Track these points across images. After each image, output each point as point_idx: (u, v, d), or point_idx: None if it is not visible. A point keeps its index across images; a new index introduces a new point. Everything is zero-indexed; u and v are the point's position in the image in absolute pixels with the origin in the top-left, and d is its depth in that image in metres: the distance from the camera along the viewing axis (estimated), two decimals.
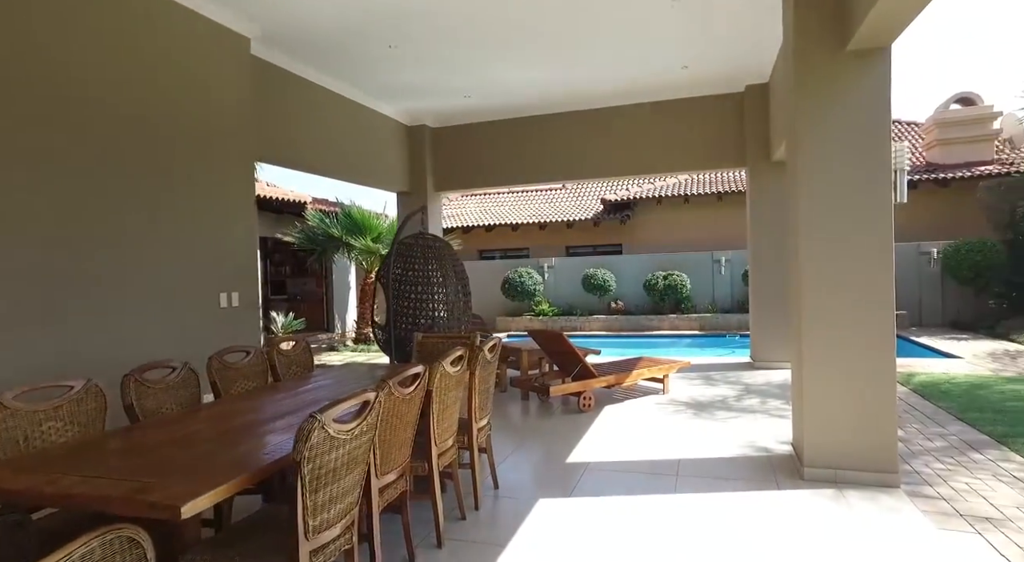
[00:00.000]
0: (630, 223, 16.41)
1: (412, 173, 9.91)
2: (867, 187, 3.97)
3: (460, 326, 6.04)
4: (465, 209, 19.76)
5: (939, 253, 12.60)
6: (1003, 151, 14.67)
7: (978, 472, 4.30)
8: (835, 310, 4.02)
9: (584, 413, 6.12)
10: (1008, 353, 9.21)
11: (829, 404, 4.05)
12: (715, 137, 8.47)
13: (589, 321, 14.14)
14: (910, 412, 5.96)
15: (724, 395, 6.73)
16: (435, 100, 8.84)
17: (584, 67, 7.58)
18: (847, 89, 3.99)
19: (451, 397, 3.41)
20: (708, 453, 4.76)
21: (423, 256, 5.89)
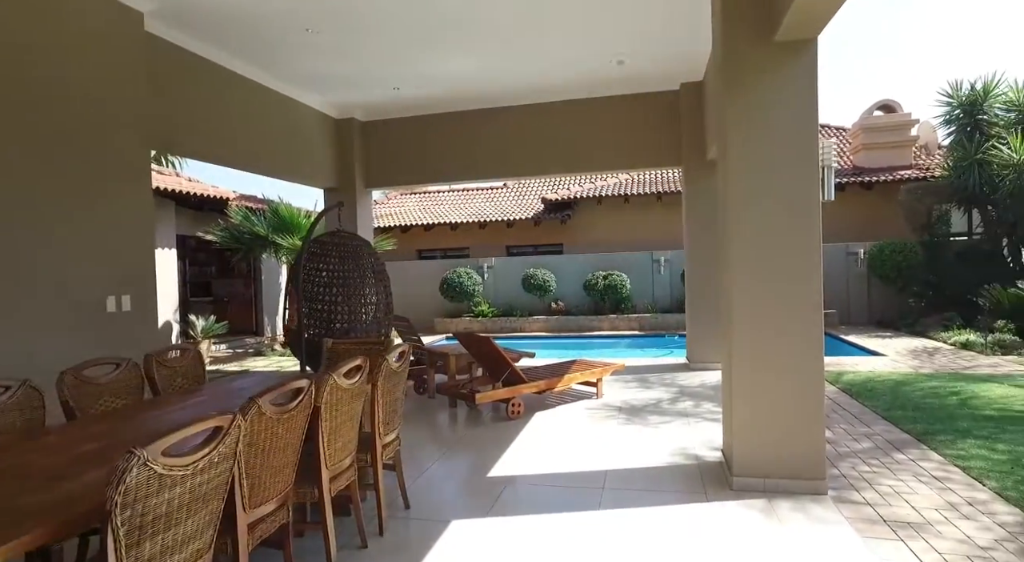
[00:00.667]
0: (571, 223, 16.30)
1: (340, 169, 9.38)
2: (795, 183, 3.82)
3: (381, 330, 5.63)
4: (404, 208, 19.21)
5: (865, 253, 13.02)
6: (920, 157, 15.36)
7: (901, 473, 4.26)
8: (764, 311, 3.86)
9: (513, 421, 5.82)
10: (926, 350, 9.52)
11: (757, 410, 3.88)
12: (651, 136, 8.35)
13: (529, 322, 13.91)
14: (839, 412, 5.95)
15: (658, 398, 6.58)
16: (363, 92, 8.37)
17: (516, 60, 7.30)
18: (775, 81, 3.83)
19: (347, 412, 3.02)
20: (637, 462, 4.54)
21: (339, 256, 5.44)
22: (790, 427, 3.82)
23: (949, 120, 12.40)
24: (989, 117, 11.93)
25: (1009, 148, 10.99)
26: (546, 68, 7.62)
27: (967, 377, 7.35)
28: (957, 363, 8.32)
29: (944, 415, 5.69)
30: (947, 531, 3.36)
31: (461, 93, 8.48)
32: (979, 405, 6.03)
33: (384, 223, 17.58)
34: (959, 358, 8.72)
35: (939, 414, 5.73)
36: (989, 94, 11.89)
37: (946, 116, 12.42)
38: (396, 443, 3.68)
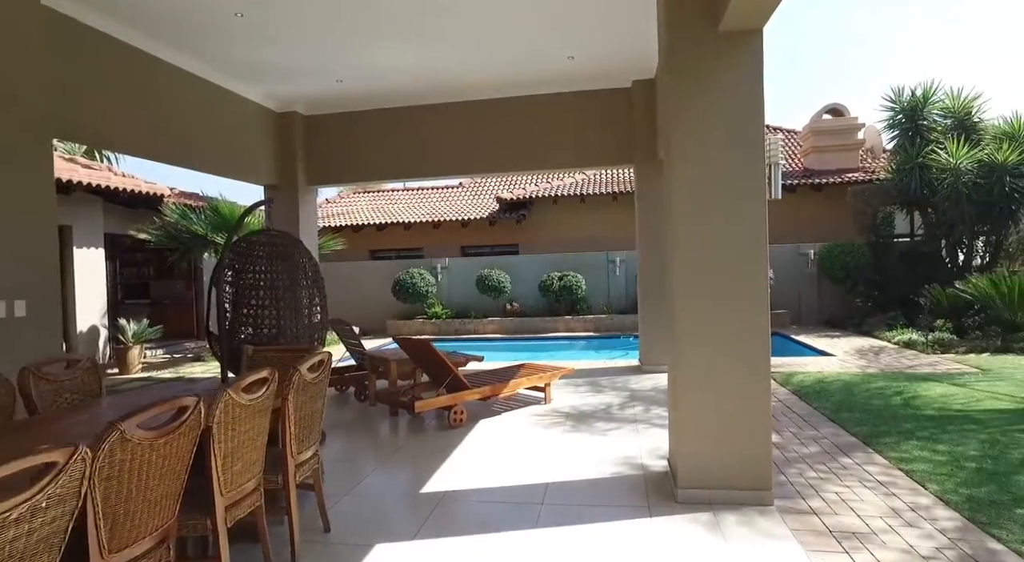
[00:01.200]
0: (526, 223, 16.10)
1: (282, 165, 8.92)
2: (741, 181, 3.66)
3: (315, 335, 5.26)
4: (356, 207, 18.67)
5: (815, 254, 13.23)
6: (867, 160, 15.76)
7: (847, 479, 4.17)
8: (709, 316, 3.69)
9: (456, 429, 5.54)
10: (873, 349, 9.66)
11: (702, 419, 3.71)
12: (604, 134, 8.19)
13: (484, 323, 13.63)
14: (788, 414, 5.89)
15: (608, 403, 6.40)
16: (305, 84, 7.95)
17: (464, 54, 7.03)
18: (720, 73, 3.67)
19: (248, 431, 2.69)
20: (580, 473, 4.32)
21: (267, 256, 5.06)
22: (736, 437, 3.66)
23: (892, 125, 12.69)
24: (928, 123, 12.26)
25: (946, 153, 11.30)
26: (496, 63, 7.37)
27: (910, 376, 7.44)
28: (901, 362, 8.44)
29: (889, 416, 5.69)
30: (891, 541, 3.26)
31: (409, 88, 8.15)
32: (921, 405, 6.06)
33: (335, 222, 17.02)
34: (902, 357, 8.86)
35: (884, 415, 5.72)
36: (928, 101, 12.22)
37: (889, 121, 12.71)
38: (314, 460, 3.36)
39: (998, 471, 4.25)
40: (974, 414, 5.68)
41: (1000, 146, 11.10)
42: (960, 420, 5.51)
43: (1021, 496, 3.78)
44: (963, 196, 11.06)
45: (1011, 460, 4.46)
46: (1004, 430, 5.19)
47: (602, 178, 16.16)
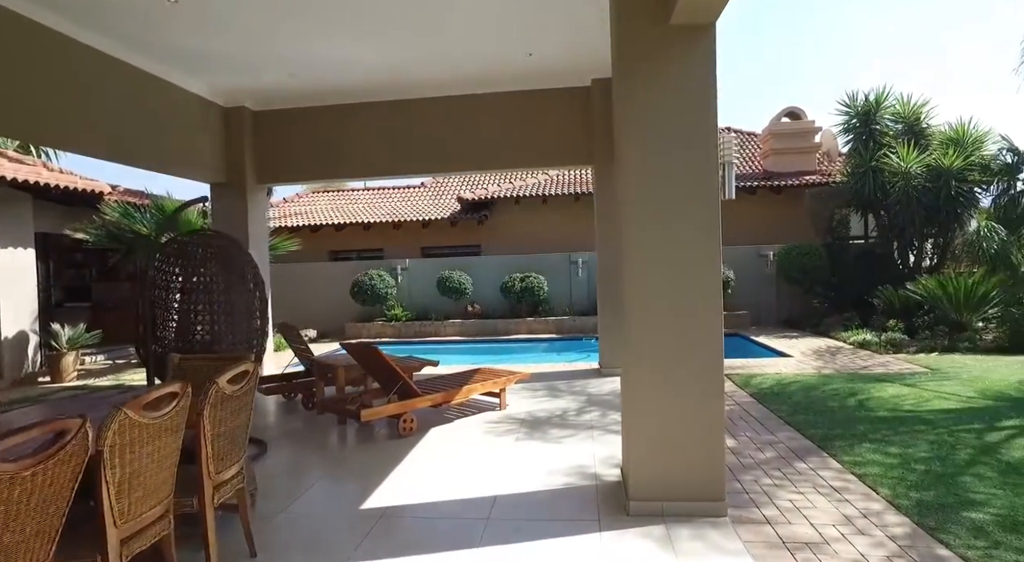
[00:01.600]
0: (488, 223, 15.89)
1: (229, 162, 8.50)
2: (693, 180, 3.54)
3: (253, 341, 4.96)
4: (315, 206, 18.17)
5: (775, 255, 13.38)
6: (823, 163, 16.06)
7: (801, 485, 4.11)
8: (661, 321, 3.55)
9: (405, 438, 5.30)
10: (829, 350, 9.77)
11: (655, 429, 3.57)
12: (563, 133, 8.04)
13: (444, 326, 13.38)
14: (745, 418, 5.84)
15: (564, 409, 6.24)
16: (253, 77, 7.57)
17: (421, 48, 6.78)
18: (671, 68, 3.54)
19: (152, 452, 2.42)
20: (530, 485, 4.14)
21: (202, 258, 4.74)
22: (689, 447, 3.53)
23: (847, 128, 12.94)
24: (881, 127, 12.53)
25: (898, 157, 11.55)
26: (453, 59, 7.15)
27: (864, 377, 7.51)
28: (855, 363, 8.53)
29: (844, 418, 5.68)
30: (843, 550, 3.19)
31: (364, 83, 7.85)
32: (874, 406, 6.09)
33: (293, 222, 16.52)
34: (857, 358, 8.98)
35: (839, 417, 5.72)
36: (880, 106, 12.49)
37: (844, 125, 12.95)
38: (238, 479, 3.09)
39: (946, 472, 4.26)
40: (924, 414, 5.73)
41: (946, 151, 11.40)
42: (911, 421, 5.55)
43: (967, 499, 3.80)
44: (913, 199, 11.33)
45: (957, 461, 4.48)
46: (951, 430, 5.23)
47: (564, 179, 16.08)
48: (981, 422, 5.45)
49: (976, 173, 11.38)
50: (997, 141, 11.78)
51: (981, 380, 7.08)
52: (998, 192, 12.04)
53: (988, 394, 6.43)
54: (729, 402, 6.46)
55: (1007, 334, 9.18)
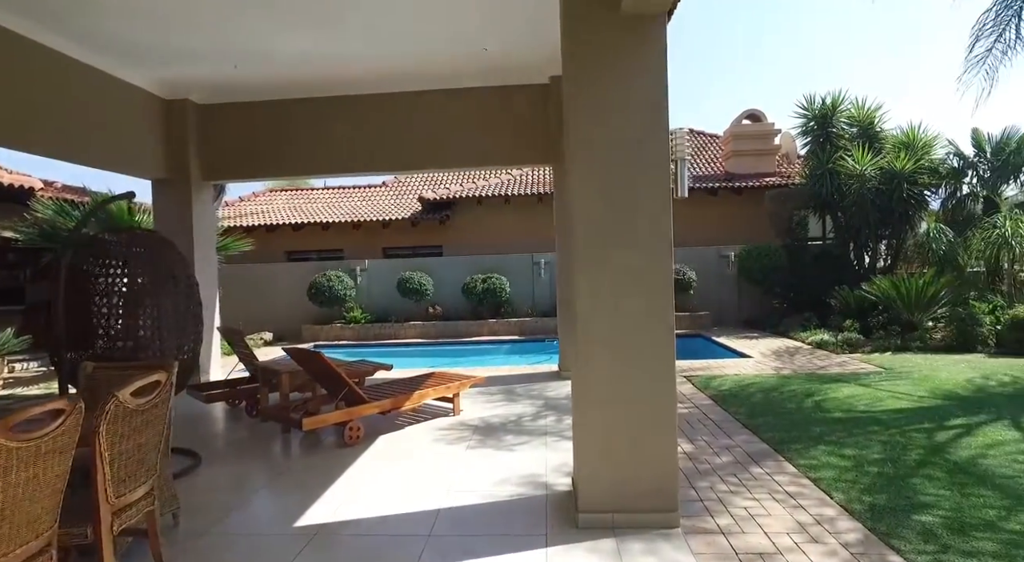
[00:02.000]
0: (450, 224, 15.62)
1: (172, 158, 8.07)
2: (644, 177, 3.39)
3: (185, 348, 4.63)
4: (272, 205, 17.62)
5: (735, 256, 13.48)
6: (783, 165, 16.30)
7: (756, 491, 4.01)
8: (611, 323, 3.39)
9: (351, 447, 5.04)
10: (787, 350, 9.84)
11: (604, 435, 3.41)
12: (520, 132, 7.86)
13: (405, 328, 13.08)
14: (703, 421, 5.75)
15: (520, 414, 6.06)
16: (197, 68, 7.17)
17: (372, 41, 6.51)
18: (622, 59, 3.39)
19: (32, 480, 2.12)
20: (478, 496, 3.94)
21: (125, 258, 4.39)
22: (641, 457, 3.38)
23: (806, 131, 13.13)
24: (837, 130, 12.74)
25: (853, 160, 11.75)
26: (407, 53, 6.90)
27: (821, 377, 7.54)
28: (813, 363, 8.59)
29: (800, 420, 5.65)
30: (796, 560, 3.10)
31: (315, 78, 7.53)
32: (830, 407, 6.08)
33: (248, 222, 15.96)
34: (815, 358, 9.04)
35: (796, 419, 5.69)
36: (836, 109, 12.71)
37: (803, 127, 13.14)
38: (147, 501, 2.80)
39: (897, 474, 4.24)
40: (878, 415, 5.74)
41: (898, 155, 11.65)
42: (865, 421, 5.54)
43: (917, 501, 3.78)
44: (867, 201, 11.54)
45: (908, 462, 4.47)
46: (903, 430, 5.24)
47: (528, 179, 15.93)
48: (931, 421, 5.48)
49: (926, 176, 11.66)
50: (945, 146, 12.11)
51: (931, 379, 7.17)
52: (946, 195, 12.39)
53: (938, 393, 6.51)
54: (689, 405, 6.38)
55: (954, 333, 9.39)
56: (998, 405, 5.96)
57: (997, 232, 10.64)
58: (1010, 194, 12.29)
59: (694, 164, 17.25)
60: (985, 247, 10.83)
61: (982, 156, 12.06)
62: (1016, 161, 11.77)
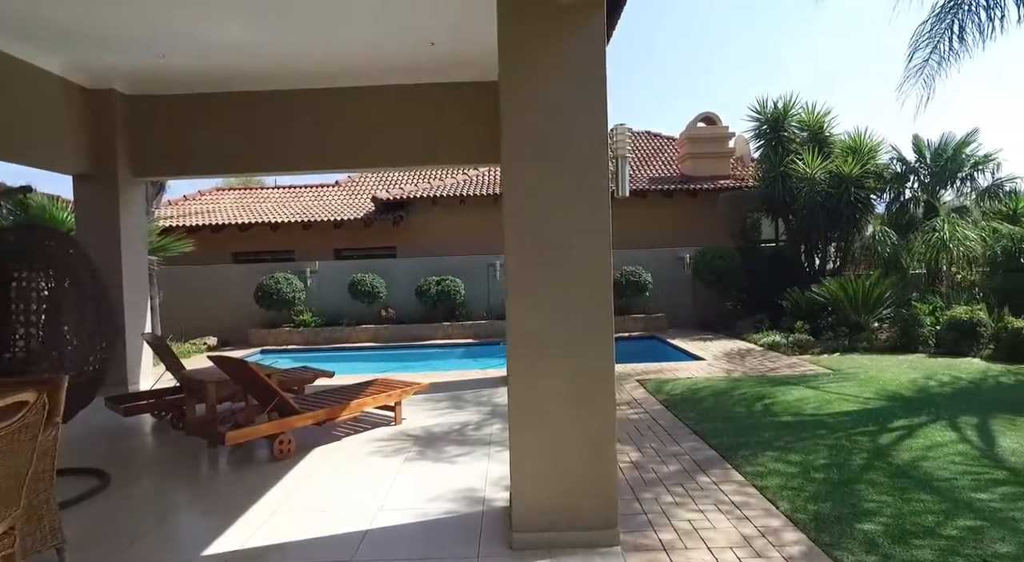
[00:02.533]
0: (405, 225, 15.26)
1: (96, 151, 7.55)
2: (581, 176, 3.21)
3: (91, 359, 4.23)
4: (219, 205, 16.92)
5: (691, 258, 13.54)
6: (737, 167, 16.53)
7: (702, 501, 3.88)
8: (545, 330, 3.19)
9: (281, 462, 4.71)
10: (739, 352, 9.88)
11: (541, 450, 3.21)
12: (468, 130, 7.61)
13: (357, 331, 12.67)
14: (652, 428, 5.63)
15: (465, 422, 5.82)
16: (119, 56, 6.70)
17: (311, 33, 6.20)
18: (558, 48, 3.21)
19: None
20: (410, 514, 3.68)
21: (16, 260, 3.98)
22: (578, 472, 3.19)
23: (758, 134, 13.29)
24: (789, 134, 12.95)
25: (804, 163, 11.94)
26: (349, 47, 6.60)
27: (771, 380, 7.54)
28: (764, 365, 8.61)
29: (749, 424, 5.58)
30: None
31: (250, 70, 7.15)
32: (779, 411, 6.05)
33: (192, 221, 15.26)
34: (766, 359, 9.09)
35: (745, 424, 5.62)
36: (788, 113, 12.91)
37: (755, 131, 13.30)
38: (8, 539, 2.46)
39: (843, 480, 4.19)
40: (824, 418, 5.72)
41: (846, 159, 11.89)
42: (812, 425, 5.51)
43: (861, 508, 3.72)
44: (817, 204, 11.73)
45: (853, 467, 4.43)
46: (849, 434, 5.22)
47: (484, 179, 15.71)
48: (875, 424, 5.49)
49: (871, 180, 11.93)
50: (889, 151, 12.44)
51: (877, 380, 7.25)
52: (890, 199, 12.72)
53: (883, 394, 6.56)
54: (639, 410, 6.26)
55: (898, 334, 9.59)
56: (938, 405, 6.03)
57: (936, 235, 10.95)
58: (948, 199, 12.70)
59: (651, 166, 17.34)
60: (926, 250, 11.13)
61: (923, 162, 12.43)
62: (953, 167, 12.17)
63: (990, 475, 4.24)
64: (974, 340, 8.90)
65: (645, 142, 19.00)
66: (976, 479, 4.16)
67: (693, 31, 63.07)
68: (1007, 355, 8.38)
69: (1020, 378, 7.29)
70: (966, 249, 10.81)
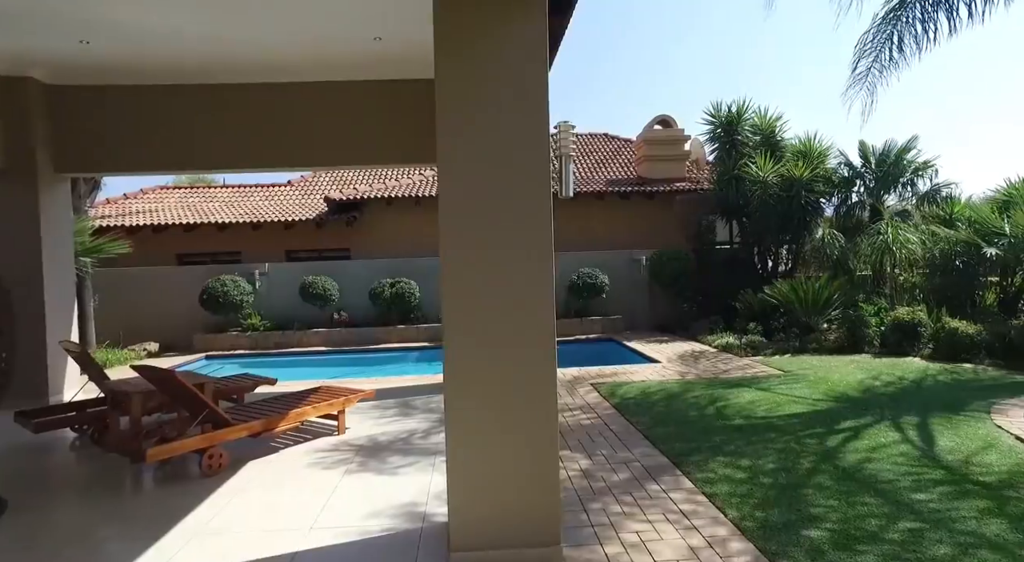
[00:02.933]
0: (359, 226, 14.86)
1: (12, 145, 7.02)
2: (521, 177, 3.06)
3: None
4: (163, 204, 16.17)
5: (647, 260, 13.59)
6: (692, 170, 16.72)
7: (651, 511, 3.79)
8: (484, 338, 3.03)
9: (212, 478, 4.40)
10: (694, 354, 9.93)
11: (477, 462, 3.04)
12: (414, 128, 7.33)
13: (308, 336, 12.26)
14: (604, 433, 5.53)
15: (412, 430, 5.61)
16: (36, 40, 6.21)
17: (247, 24, 5.87)
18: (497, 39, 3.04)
19: None
20: (343, 533, 3.46)
21: None
22: (519, 487, 3.04)
23: (713, 138, 13.46)
24: (742, 138, 13.14)
25: (756, 167, 12.13)
26: (290, 38, 6.29)
27: (724, 382, 7.55)
28: (718, 367, 8.65)
29: (701, 429, 5.54)
30: None
31: (188, 62, 6.75)
32: (731, 414, 6.04)
33: (133, 221, 14.52)
34: (719, 361, 9.14)
35: (697, 428, 5.57)
36: (741, 117, 13.11)
37: (710, 134, 13.46)
38: None
39: (790, 484, 4.17)
40: (775, 421, 5.73)
41: (797, 163, 12.13)
42: (763, 429, 5.50)
43: (807, 514, 3.70)
44: (770, 207, 11.93)
45: (801, 471, 4.42)
46: (798, 437, 5.23)
47: None
48: (823, 426, 5.52)
49: (821, 184, 12.20)
50: (837, 156, 12.76)
51: (826, 381, 7.35)
52: (838, 202, 13.06)
53: (831, 395, 6.64)
54: (592, 416, 6.17)
55: (846, 334, 9.80)
56: (882, 406, 6.13)
57: (881, 238, 11.27)
58: (891, 203, 13.11)
59: (609, 168, 17.40)
60: (871, 252, 11.44)
61: (868, 167, 12.79)
62: (895, 172, 12.57)
63: (929, 475, 4.29)
64: (915, 340, 9.16)
65: (603, 144, 19.06)
66: (917, 479, 4.19)
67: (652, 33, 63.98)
68: (944, 354, 8.65)
69: (956, 377, 7.51)
70: (908, 252, 11.16)
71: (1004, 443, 4.85)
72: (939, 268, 10.83)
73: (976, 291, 10.65)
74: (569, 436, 5.44)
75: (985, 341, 8.46)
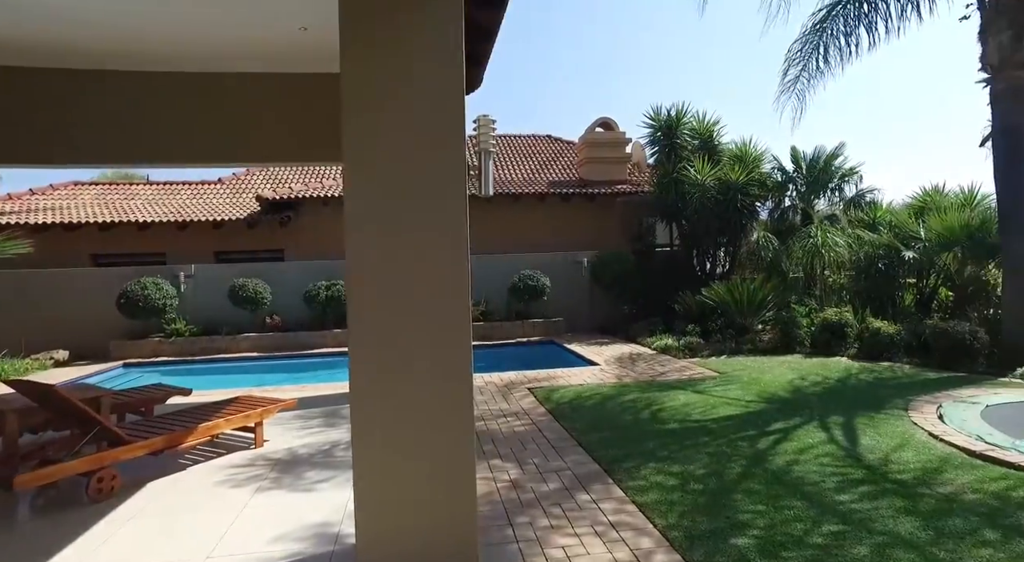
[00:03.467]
0: (293, 226, 14.25)
1: None
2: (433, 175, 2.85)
3: None
4: (77, 201, 15.05)
5: (589, 262, 13.61)
6: (634, 173, 16.91)
7: (579, 524, 3.65)
8: (390, 343, 2.80)
9: (102, 503, 3.98)
10: (632, 356, 9.94)
11: (386, 478, 2.81)
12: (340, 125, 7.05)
13: (238, 341, 11.63)
14: (537, 440, 5.38)
15: (335, 442, 5.29)
16: None
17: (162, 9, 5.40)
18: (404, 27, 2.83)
19: None
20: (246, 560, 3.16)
21: None
22: (432, 506, 2.83)
23: (653, 141, 13.62)
24: (682, 141, 13.35)
25: (695, 170, 12.33)
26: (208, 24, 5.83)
27: (660, 385, 7.55)
28: (655, 369, 8.67)
29: (635, 434, 5.47)
30: None
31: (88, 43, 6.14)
32: (666, 417, 6.00)
33: (40, 219, 13.44)
34: (657, 363, 9.18)
35: (631, 433, 5.50)
36: (680, 121, 13.31)
37: (650, 137, 13.62)
38: None
39: (720, 489, 4.13)
40: (708, 424, 5.72)
41: (733, 167, 12.41)
42: (696, 432, 5.48)
43: (735, 520, 3.65)
44: (708, 210, 12.14)
45: (731, 476, 4.39)
46: (730, 440, 5.22)
47: None
48: (755, 428, 5.54)
49: (756, 188, 12.51)
50: (771, 161, 13.14)
51: (758, 382, 7.45)
52: (773, 206, 13.45)
53: (763, 396, 6.72)
54: (526, 421, 6.01)
55: (779, 335, 10.04)
56: (811, 406, 6.24)
57: (811, 241, 11.64)
58: (821, 207, 13.61)
59: (551, 170, 17.38)
60: (803, 255, 11.80)
61: (799, 172, 13.23)
62: (824, 178, 13.05)
63: (852, 475, 4.34)
64: (843, 340, 9.46)
65: (546, 146, 19.06)
66: (840, 480, 4.23)
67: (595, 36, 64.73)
68: (868, 354, 8.97)
69: (877, 375, 7.77)
70: (836, 254, 11.56)
71: (918, 440, 5.00)
72: (864, 270, 11.27)
73: (896, 292, 11.14)
74: (501, 444, 5.26)
75: (904, 340, 8.82)
